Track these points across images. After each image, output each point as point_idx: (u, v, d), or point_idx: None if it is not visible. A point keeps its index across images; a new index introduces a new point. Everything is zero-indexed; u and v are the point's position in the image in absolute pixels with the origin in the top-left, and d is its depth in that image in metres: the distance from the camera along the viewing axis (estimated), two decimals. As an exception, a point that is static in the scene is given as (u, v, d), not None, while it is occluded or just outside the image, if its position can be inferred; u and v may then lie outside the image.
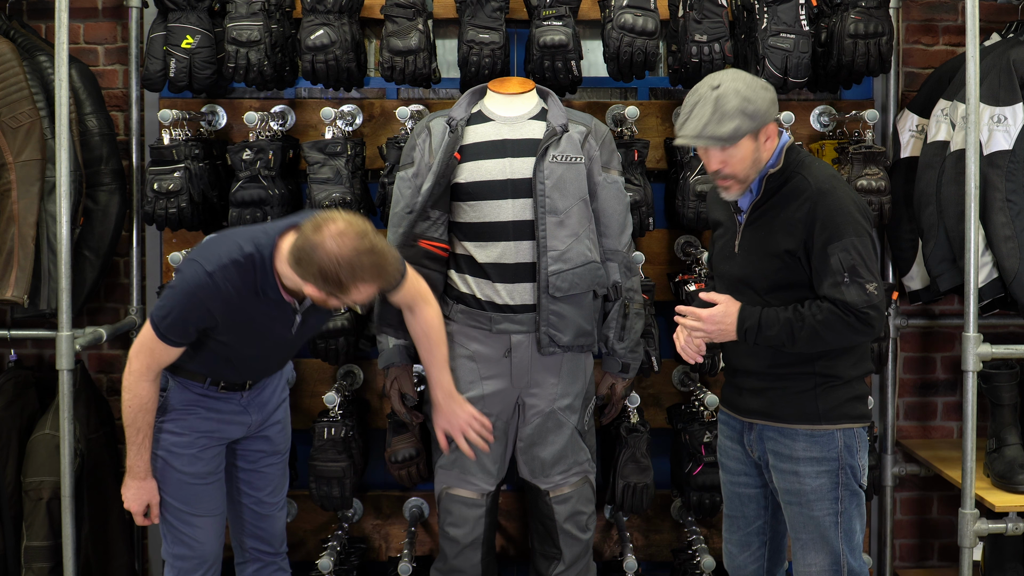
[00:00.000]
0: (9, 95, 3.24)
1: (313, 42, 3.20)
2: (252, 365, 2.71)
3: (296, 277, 2.45)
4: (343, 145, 3.23)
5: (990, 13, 3.53)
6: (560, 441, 3.04)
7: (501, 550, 3.60)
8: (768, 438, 2.59)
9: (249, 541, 2.88)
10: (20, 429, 3.39)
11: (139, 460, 2.65)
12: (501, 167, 2.98)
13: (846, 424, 2.54)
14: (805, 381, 2.53)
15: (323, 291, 2.41)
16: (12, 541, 3.36)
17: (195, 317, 2.51)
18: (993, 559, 3.47)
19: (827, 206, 2.44)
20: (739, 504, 2.73)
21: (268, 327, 2.61)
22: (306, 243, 2.37)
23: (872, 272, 2.44)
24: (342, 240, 2.35)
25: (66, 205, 3.10)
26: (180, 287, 2.50)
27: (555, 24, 3.21)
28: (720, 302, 2.54)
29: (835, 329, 2.43)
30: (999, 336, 3.62)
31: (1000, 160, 3.16)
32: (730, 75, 2.49)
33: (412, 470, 3.24)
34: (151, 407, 2.62)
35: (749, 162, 2.48)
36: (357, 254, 2.35)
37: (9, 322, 3.52)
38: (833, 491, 2.53)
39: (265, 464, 2.84)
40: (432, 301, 2.81)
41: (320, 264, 2.35)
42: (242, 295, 2.50)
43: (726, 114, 2.42)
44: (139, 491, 2.69)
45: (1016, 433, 3.28)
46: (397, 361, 3.08)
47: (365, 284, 2.40)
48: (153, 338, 2.55)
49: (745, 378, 2.63)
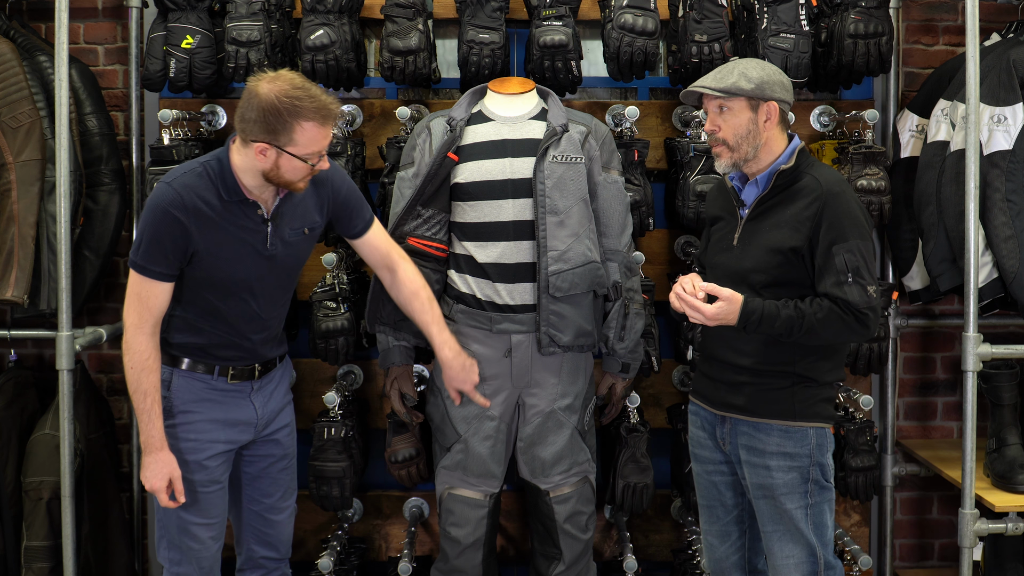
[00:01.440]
0: (9, 95, 3.24)
1: (313, 42, 3.20)
2: (245, 313, 2.61)
3: (247, 155, 2.46)
4: (343, 145, 3.23)
5: (990, 13, 3.54)
6: (560, 441, 3.04)
7: (501, 550, 3.60)
8: (742, 432, 2.62)
9: (258, 549, 2.82)
10: (20, 429, 3.39)
11: (152, 429, 2.53)
12: (501, 167, 2.98)
13: (818, 423, 2.60)
14: (783, 379, 2.58)
15: (271, 142, 2.42)
16: (12, 541, 3.35)
17: (167, 235, 2.47)
18: (993, 559, 3.47)
19: (836, 208, 2.50)
20: (715, 493, 2.74)
21: (244, 242, 2.55)
22: (244, 101, 2.44)
23: (872, 276, 2.50)
24: (276, 82, 2.43)
25: (66, 205, 3.10)
26: (146, 208, 2.50)
27: (555, 24, 3.21)
28: (724, 297, 2.53)
29: (833, 327, 2.48)
30: (999, 336, 3.62)
31: (1000, 160, 3.16)
32: (752, 60, 2.65)
33: (412, 470, 3.24)
34: (154, 365, 2.53)
35: (743, 131, 2.58)
36: (293, 88, 2.42)
37: (9, 322, 3.52)
38: (803, 485, 2.58)
39: (277, 469, 2.79)
40: (409, 259, 2.84)
41: (259, 107, 2.41)
42: (208, 203, 2.49)
43: (729, 74, 2.59)
44: (158, 464, 2.55)
45: (1016, 433, 3.28)
46: (397, 361, 3.08)
47: (310, 123, 2.43)
48: (137, 280, 2.50)
49: (723, 371, 2.65)
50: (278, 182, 2.51)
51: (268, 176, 2.50)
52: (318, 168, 2.52)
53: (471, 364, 2.89)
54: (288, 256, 2.65)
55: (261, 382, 2.72)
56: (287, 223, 2.61)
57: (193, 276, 2.55)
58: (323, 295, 3.20)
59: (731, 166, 2.63)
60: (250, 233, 2.56)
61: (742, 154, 2.59)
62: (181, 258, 2.51)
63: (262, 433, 2.75)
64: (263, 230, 2.57)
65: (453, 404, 3.01)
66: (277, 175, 2.49)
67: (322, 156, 2.52)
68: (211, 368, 2.64)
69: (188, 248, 2.50)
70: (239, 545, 2.85)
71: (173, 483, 2.57)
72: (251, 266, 2.59)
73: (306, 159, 2.47)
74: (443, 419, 3.05)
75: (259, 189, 2.54)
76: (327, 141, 2.50)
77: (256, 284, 2.61)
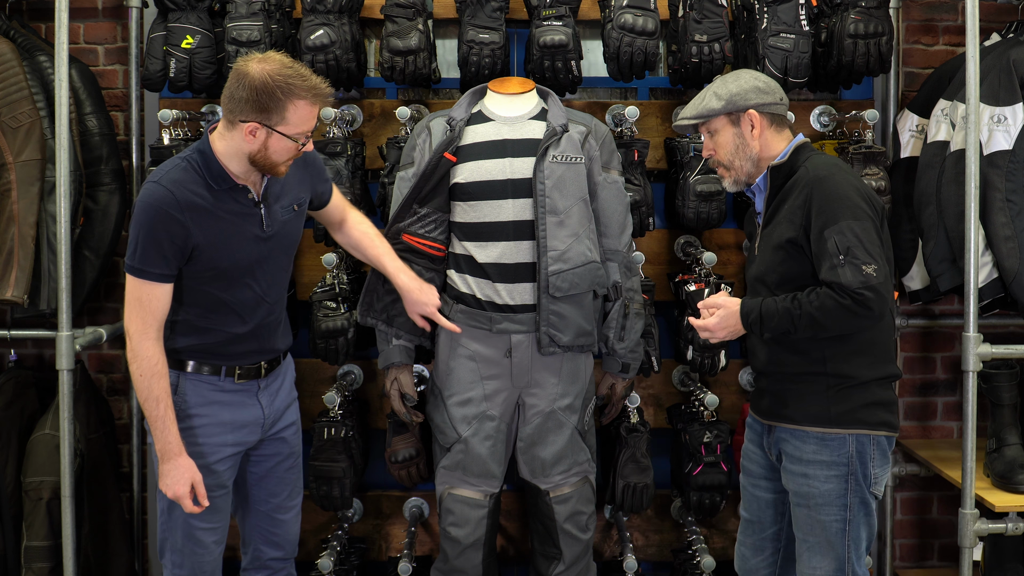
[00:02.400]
0: (9, 95, 3.24)
1: (313, 42, 3.20)
2: (250, 299, 2.60)
3: (233, 138, 2.47)
4: (343, 145, 3.23)
5: (990, 13, 3.54)
6: (560, 441, 3.04)
7: (501, 550, 3.60)
8: (782, 439, 2.58)
9: (266, 549, 2.80)
10: (20, 429, 3.39)
11: (168, 435, 2.48)
12: (501, 167, 2.98)
13: (861, 430, 2.49)
14: (818, 383, 2.50)
15: (262, 121, 2.43)
16: (12, 541, 3.36)
17: (165, 234, 2.45)
18: (993, 559, 3.47)
19: (823, 191, 2.44)
20: (756, 508, 2.72)
21: (241, 227, 2.54)
22: (233, 81, 2.44)
23: (871, 255, 2.39)
24: (267, 63, 2.44)
25: (66, 205, 3.10)
26: (139, 210, 2.48)
27: (555, 24, 3.21)
28: (719, 306, 2.54)
29: (832, 313, 2.39)
30: (999, 336, 3.62)
31: (1000, 160, 3.16)
32: (734, 72, 2.63)
33: (412, 470, 3.24)
34: (163, 370, 2.49)
35: (731, 148, 2.57)
36: (284, 68, 2.44)
37: (9, 322, 3.52)
38: (842, 497, 2.50)
39: (284, 468, 2.78)
40: (355, 208, 2.93)
41: (251, 86, 2.42)
42: (199, 195, 2.48)
43: (702, 98, 2.59)
44: (179, 471, 2.50)
45: (1016, 433, 3.28)
46: (397, 361, 3.08)
47: (303, 100, 2.44)
48: (136, 285, 2.48)
49: (760, 379, 2.64)
50: (263, 164, 2.51)
51: (254, 158, 2.50)
52: (304, 150, 2.54)
53: (430, 288, 2.92)
54: (284, 236, 2.66)
55: (267, 380, 2.70)
56: (277, 202, 2.63)
57: (194, 273, 2.54)
58: (323, 295, 3.20)
59: (735, 184, 2.61)
60: (245, 218, 2.56)
61: (739, 170, 2.58)
62: (180, 257, 2.50)
63: (269, 432, 2.73)
64: (256, 213, 2.58)
65: (453, 404, 3.01)
66: (264, 156, 2.49)
67: (308, 137, 2.53)
68: (218, 369, 2.62)
69: (188, 244, 2.49)
70: (245, 546, 2.83)
71: (195, 487, 2.53)
72: (251, 251, 2.58)
73: (295, 139, 2.48)
74: (443, 419, 3.05)
75: (245, 173, 2.55)
76: (315, 122, 2.52)
77: (257, 268, 2.61)
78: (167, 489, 2.52)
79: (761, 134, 2.55)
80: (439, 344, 3.06)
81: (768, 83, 2.58)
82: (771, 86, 2.58)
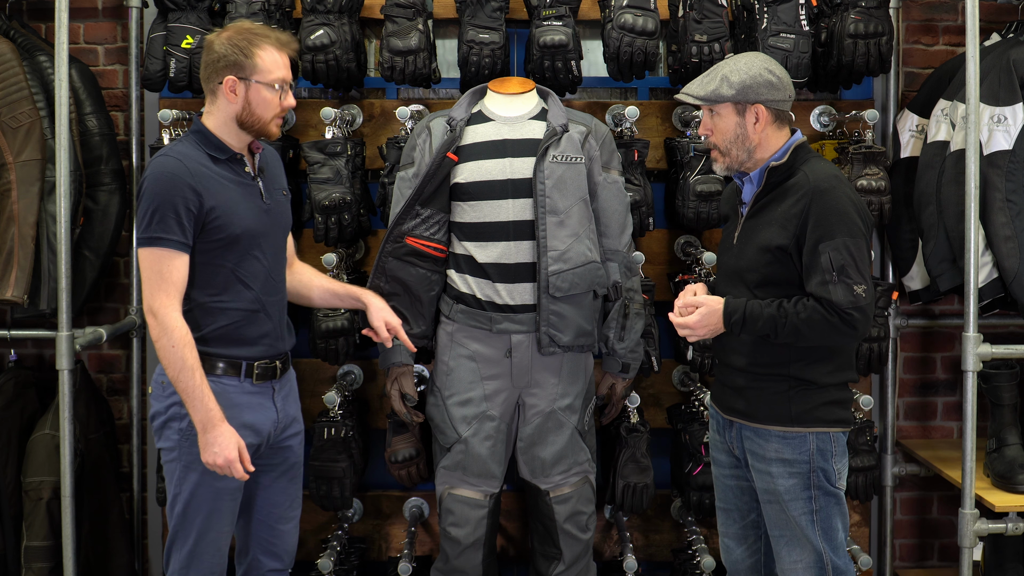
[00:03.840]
0: (9, 95, 3.24)
1: (313, 42, 3.20)
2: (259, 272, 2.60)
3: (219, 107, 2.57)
4: (343, 145, 3.23)
5: (990, 13, 3.54)
6: (560, 441, 3.04)
7: (501, 550, 3.60)
8: (746, 437, 2.61)
9: (265, 560, 2.77)
10: (20, 429, 3.39)
11: (208, 403, 2.45)
12: (501, 167, 2.98)
13: (819, 428, 2.53)
14: (780, 383, 2.53)
15: (237, 74, 2.54)
16: (12, 541, 3.36)
17: (180, 198, 2.47)
18: (993, 559, 3.47)
19: (823, 204, 2.44)
20: (732, 496, 2.73)
21: (245, 196, 2.59)
22: (205, 54, 2.58)
23: (862, 274, 2.42)
24: (228, 29, 2.62)
25: (66, 205, 3.10)
26: (150, 180, 2.51)
27: (555, 24, 3.21)
28: (701, 304, 2.54)
29: (817, 328, 2.42)
30: (999, 336, 3.62)
31: (1000, 160, 3.16)
32: (746, 54, 2.60)
33: (412, 470, 3.24)
34: (192, 341, 2.47)
35: (731, 135, 2.55)
36: (242, 26, 2.62)
37: (9, 322, 3.52)
38: (805, 491, 2.53)
39: (287, 478, 2.76)
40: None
41: (219, 49, 2.55)
42: (205, 165, 2.55)
43: (712, 79, 2.55)
44: (224, 437, 2.46)
45: (1016, 433, 3.28)
46: (398, 361, 3.08)
47: (269, 45, 2.57)
48: (155, 259, 2.47)
49: (728, 374, 2.65)
50: (251, 123, 2.58)
51: (241, 118, 2.57)
52: (285, 104, 2.60)
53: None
54: (279, 215, 2.70)
55: (280, 382, 2.69)
56: (270, 181, 2.68)
57: (207, 245, 2.52)
58: (323, 295, 3.20)
59: (727, 169, 2.61)
60: (246, 188, 2.61)
61: (734, 158, 2.58)
62: (194, 224, 2.50)
63: (279, 437, 2.71)
64: (256, 185, 2.64)
65: (453, 404, 3.01)
66: (250, 113, 2.57)
67: (286, 88, 2.61)
68: (237, 368, 2.59)
69: (202, 209, 2.50)
70: (242, 556, 2.79)
71: (241, 452, 2.48)
72: (257, 219, 2.61)
73: (273, 84, 2.56)
74: (443, 419, 3.05)
75: (239, 142, 2.61)
76: (288, 71, 2.60)
77: (263, 240, 2.63)
78: (216, 457, 2.46)
79: (763, 129, 2.55)
80: (439, 344, 3.06)
81: (781, 77, 2.56)
82: (783, 81, 2.55)
